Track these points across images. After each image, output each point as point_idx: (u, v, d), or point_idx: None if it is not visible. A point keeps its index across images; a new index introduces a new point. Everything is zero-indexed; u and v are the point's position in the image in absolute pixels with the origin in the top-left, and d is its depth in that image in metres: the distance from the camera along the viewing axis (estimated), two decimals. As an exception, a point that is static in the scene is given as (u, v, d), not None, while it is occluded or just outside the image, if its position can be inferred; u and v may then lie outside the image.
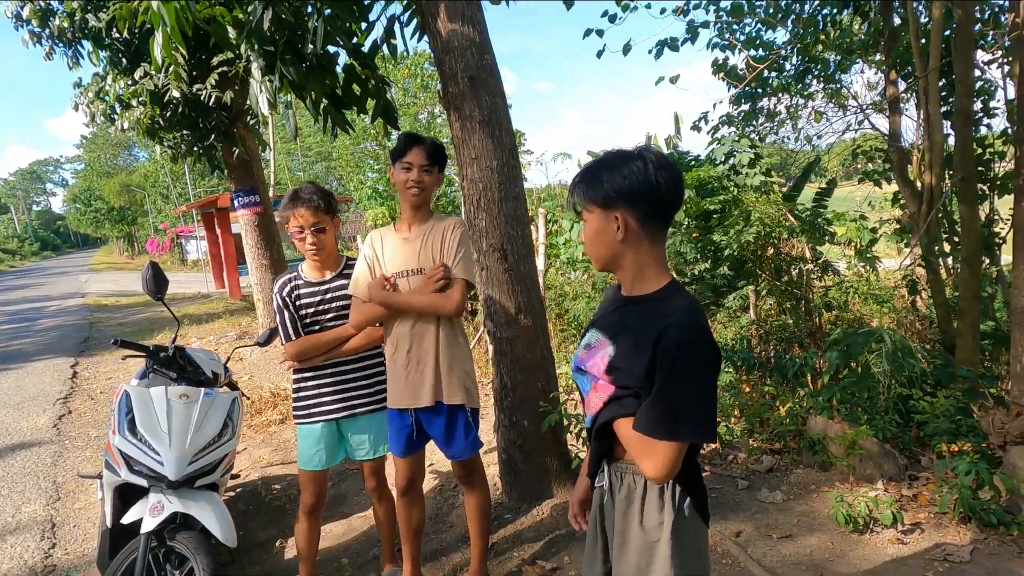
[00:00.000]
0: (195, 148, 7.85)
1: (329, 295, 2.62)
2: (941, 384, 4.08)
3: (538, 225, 5.93)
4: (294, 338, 2.58)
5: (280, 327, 2.60)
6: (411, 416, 2.49)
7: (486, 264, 3.08)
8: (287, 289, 2.60)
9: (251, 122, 8.18)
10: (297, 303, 2.60)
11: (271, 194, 11.26)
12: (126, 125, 7.35)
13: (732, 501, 3.33)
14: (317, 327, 2.61)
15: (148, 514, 2.52)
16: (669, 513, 1.41)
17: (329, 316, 2.62)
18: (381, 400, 2.67)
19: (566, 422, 3.06)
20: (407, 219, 2.50)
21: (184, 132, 7.62)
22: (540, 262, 5.52)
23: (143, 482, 2.54)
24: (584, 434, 3.07)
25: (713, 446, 4.13)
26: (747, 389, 4.85)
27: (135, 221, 49.44)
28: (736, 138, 9.03)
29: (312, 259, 2.59)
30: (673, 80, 9.70)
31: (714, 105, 12.52)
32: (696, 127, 12.10)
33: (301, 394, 2.65)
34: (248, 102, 7.74)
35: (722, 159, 9.10)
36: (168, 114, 7.21)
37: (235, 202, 8.33)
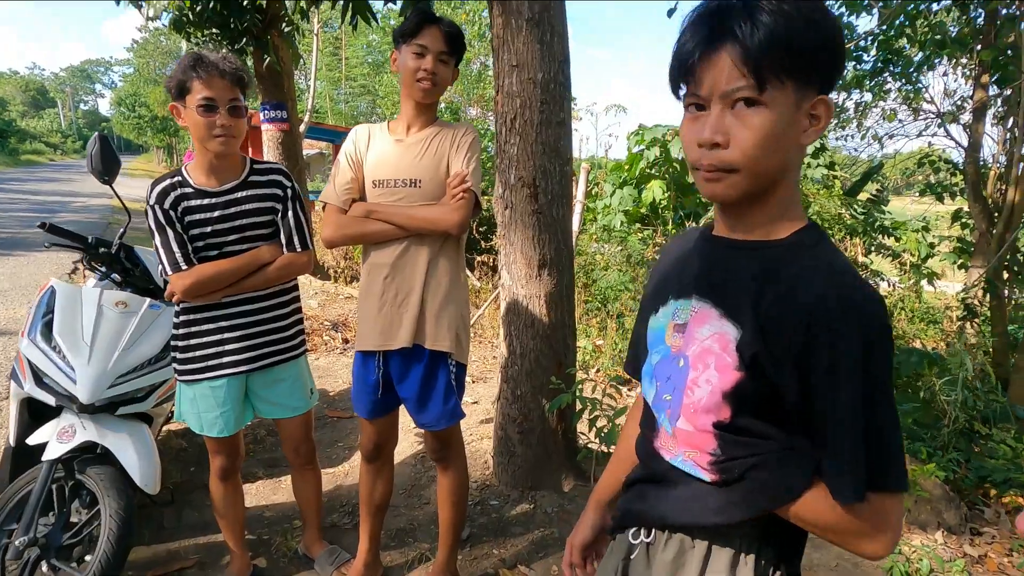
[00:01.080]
0: (224, 51, 7.31)
1: (232, 209, 1.94)
2: (990, 422, 3.52)
3: (578, 179, 5.33)
4: (184, 266, 1.89)
5: (161, 251, 1.89)
6: (378, 363, 1.98)
7: (511, 201, 2.51)
8: (170, 200, 1.89)
9: (287, 30, 7.63)
10: (186, 219, 1.91)
11: (306, 120, 10.73)
12: (151, 13, 6.83)
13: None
14: (215, 253, 1.94)
15: (55, 438, 2.06)
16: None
17: (232, 238, 1.95)
18: (298, 345, 2.15)
19: (580, 405, 2.53)
20: (406, 118, 1.95)
21: (214, 31, 7.10)
22: (574, 222, 4.94)
23: (50, 399, 2.07)
24: (600, 425, 2.53)
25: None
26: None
27: (177, 132, 49.41)
28: (803, 124, 8.22)
29: (216, 150, 1.86)
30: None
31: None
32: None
33: (192, 341, 1.98)
34: (284, 6, 7.17)
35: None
36: (199, 7, 6.70)
37: (262, 115, 7.85)
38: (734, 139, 0.80)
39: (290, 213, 2.02)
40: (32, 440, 2.14)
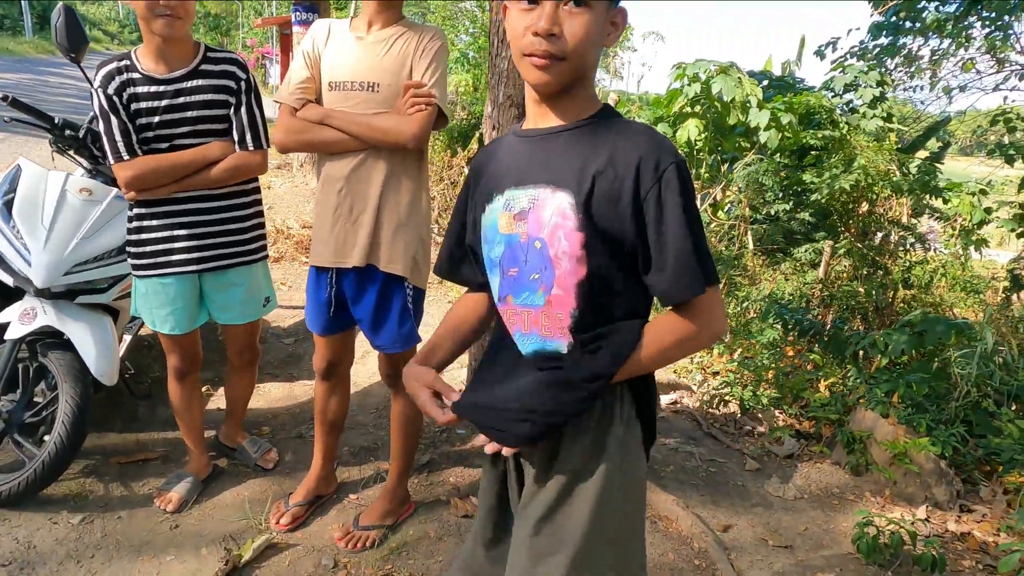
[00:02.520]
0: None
1: (182, 99, 1.82)
2: (1009, 399, 3.32)
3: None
4: (126, 157, 1.79)
5: (104, 139, 1.80)
6: (330, 280, 1.89)
7: (499, 122, 2.34)
8: (114, 84, 1.78)
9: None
10: (132, 107, 1.79)
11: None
12: None
13: (731, 483, 2.71)
14: (165, 145, 1.84)
15: (17, 319, 2.07)
16: (618, 428, 1.08)
17: (183, 131, 1.84)
18: (256, 251, 2.07)
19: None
20: (368, 15, 1.78)
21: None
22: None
23: (8, 280, 2.07)
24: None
25: (728, 410, 3.48)
26: (790, 354, 4.12)
27: (228, 32, 49.06)
28: (864, 70, 7.63)
29: (161, 32, 1.73)
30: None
31: (848, 32, 10.85)
32: (820, 53, 10.52)
33: (143, 236, 1.92)
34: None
35: (840, 91, 7.79)
36: None
37: (294, 17, 7.60)
38: (567, 32, 0.94)
39: (243, 108, 1.89)
40: (-1, 319, 2.15)
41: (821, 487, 2.78)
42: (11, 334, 2.04)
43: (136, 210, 1.93)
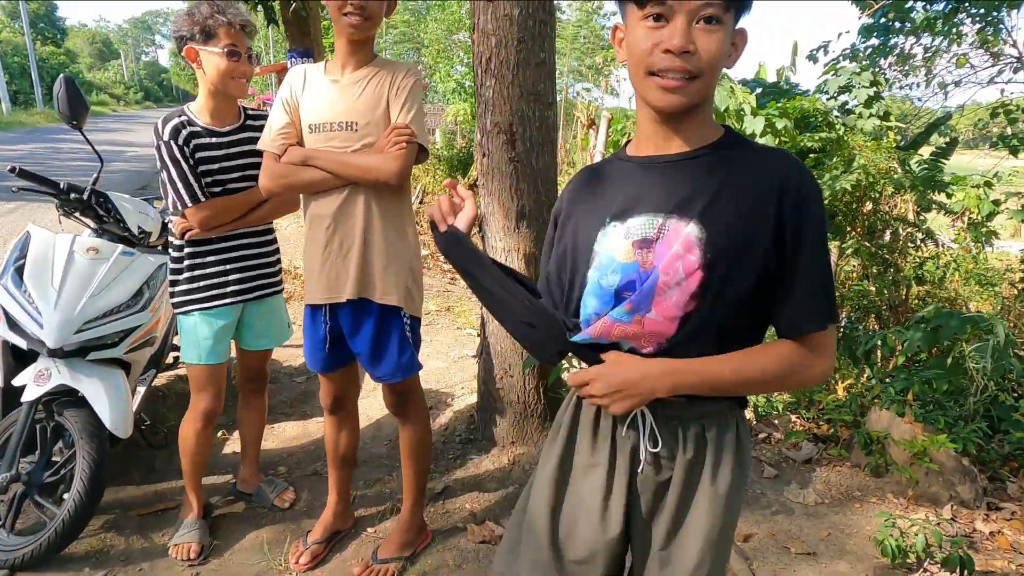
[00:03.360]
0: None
1: (234, 150, 2.09)
2: None
3: (599, 128, 5.11)
4: (201, 199, 2.01)
5: (178, 185, 1.99)
6: (324, 316, 1.93)
7: (488, 149, 2.39)
8: (183, 136, 2.00)
9: (313, -26, 7.50)
10: (196, 156, 2.02)
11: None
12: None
13: (750, 491, 2.68)
14: (219, 189, 2.08)
15: (32, 381, 2.12)
16: (733, 451, 1.09)
17: (235, 176, 2.10)
18: (281, 280, 2.34)
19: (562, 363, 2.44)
20: (340, 59, 1.84)
21: (242, -24, 7.06)
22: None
23: (22, 343, 2.12)
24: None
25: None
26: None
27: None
28: (856, 71, 7.69)
29: (235, 93, 2.04)
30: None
31: (839, 35, 10.95)
32: (812, 57, 10.63)
33: (198, 272, 2.11)
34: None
35: (834, 93, 7.84)
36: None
37: (289, 63, 7.81)
38: (701, 49, 0.91)
39: None
40: (16, 382, 2.20)
41: (841, 491, 2.75)
42: (27, 396, 2.09)
43: (189, 250, 2.10)
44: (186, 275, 2.11)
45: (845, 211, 7.65)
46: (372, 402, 3.30)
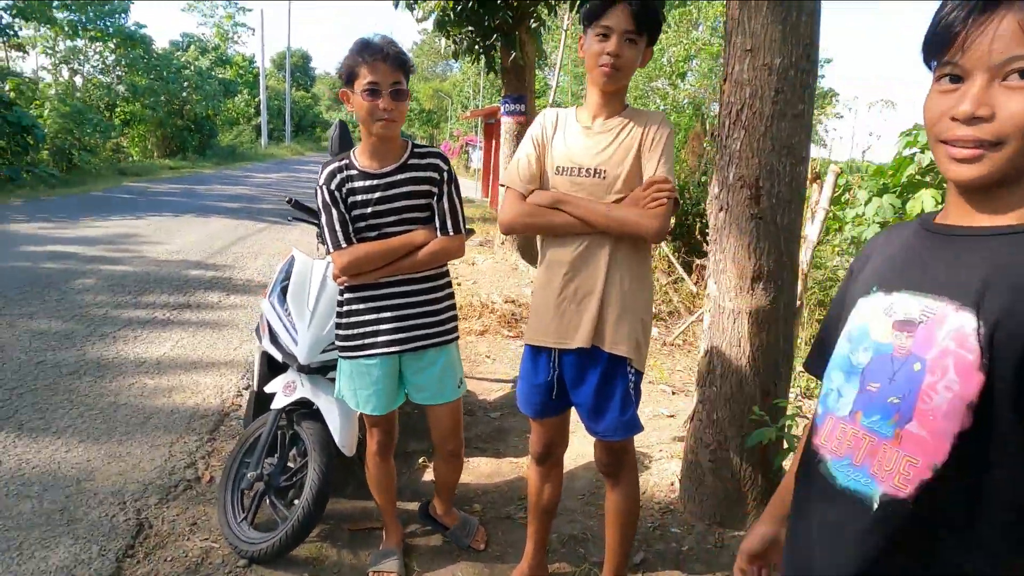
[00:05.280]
0: (476, 46, 7.85)
1: (392, 191, 1.97)
2: None
3: (824, 183, 4.69)
4: (344, 245, 1.96)
5: (325, 230, 1.98)
6: (552, 363, 1.88)
7: (727, 203, 2.24)
8: (336, 181, 1.97)
9: (534, 26, 7.93)
10: (349, 200, 1.97)
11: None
12: (420, 14, 7.58)
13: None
14: (374, 233, 1.99)
15: (281, 391, 2.35)
16: None
17: (390, 219, 1.99)
18: (450, 331, 2.13)
19: (786, 444, 2.18)
20: (592, 107, 1.81)
21: (469, 28, 7.65)
22: (813, 231, 4.36)
23: (279, 356, 2.36)
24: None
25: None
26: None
27: (438, 125, 55.17)
28: None
29: (379, 132, 1.91)
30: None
31: None
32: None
33: (351, 320, 2.05)
34: (535, 3, 7.45)
35: None
36: (459, 7, 7.28)
37: (502, 108, 8.27)
38: (1004, 112, 0.74)
39: (445, 197, 2.02)
40: (268, 389, 2.46)
41: None
42: (277, 404, 2.32)
43: (345, 295, 2.06)
44: (343, 321, 2.07)
45: None
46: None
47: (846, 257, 6.49)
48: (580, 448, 2.97)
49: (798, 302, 2.99)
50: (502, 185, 1.96)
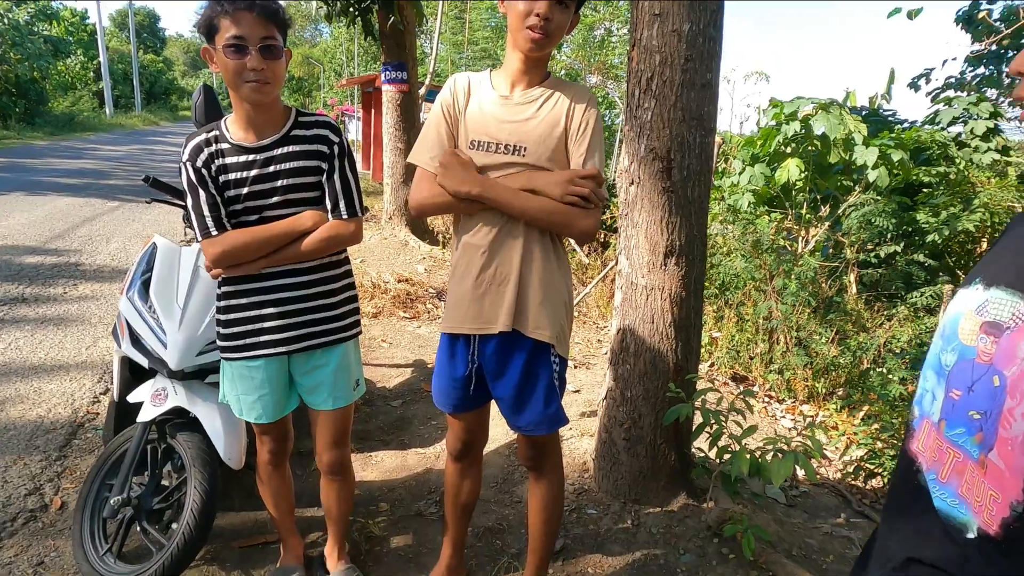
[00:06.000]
0: (351, 8, 7.33)
1: (272, 168, 1.67)
2: None
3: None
4: (215, 232, 1.66)
5: (192, 215, 1.67)
6: (471, 354, 1.73)
7: (639, 176, 2.17)
8: (203, 157, 1.65)
9: (412, -11, 7.54)
10: (220, 179, 1.66)
11: (427, 84, 10.69)
12: (286, -29, 6.96)
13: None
14: (254, 217, 1.69)
15: (149, 400, 2.01)
16: None
17: (272, 201, 1.69)
18: (349, 327, 1.87)
19: (700, 419, 2.18)
20: (510, 73, 1.64)
21: (341, -11, 7.14)
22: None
23: (144, 361, 2.02)
24: (722, 444, 2.16)
25: (876, 483, 3.08)
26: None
27: (310, 94, 52.22)
28: (973, 100, 7.16)
29: (249, 98, 1.60)
30: (912, 15, 7.79)
31: (944, 62, 10.31)
32: (914, 85, 10.01)
33: (231, 316, 1.76)
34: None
35: (945, 125, 7.35)
36: (328, -34, 6.76)
37: (383, 75, 7.85)
38: None
39: (336, 174, 1.74)
40: (131, 398, 2.12)
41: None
42: (144, 416, 1.99)
43: (223, 288, 1.76)
44: (222, 317, 1.77)
45: (959, 251, 7.08)
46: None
47: (725, 225, 6.82)
48: (492, 433, 2.86)
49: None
50: (410, 163, 1.75)
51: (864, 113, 8.17)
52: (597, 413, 2.68)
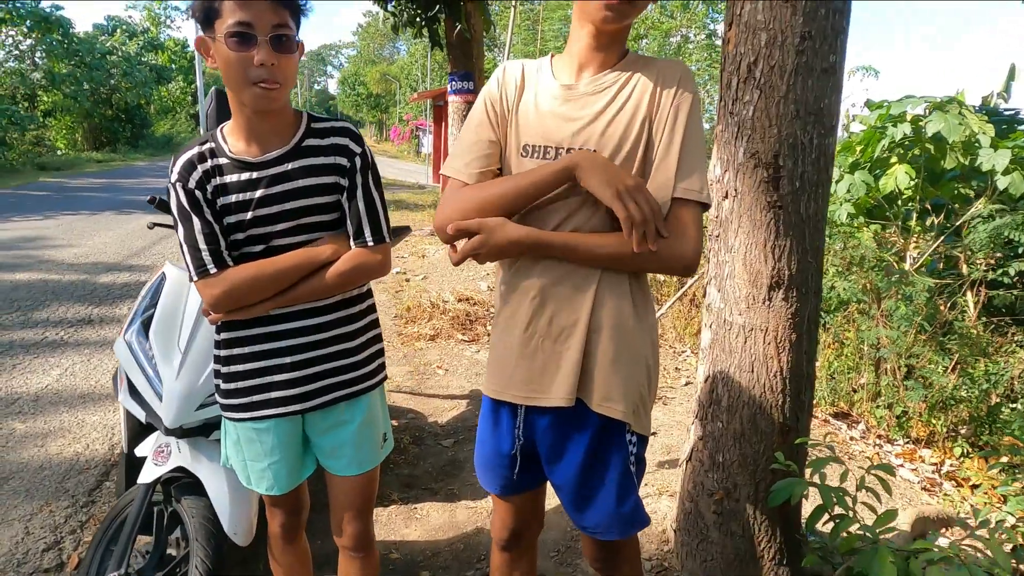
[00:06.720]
0: (418, 19, 7.18)
1: (281, 187, 1.34)
2: None
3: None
4: (213, 270, 1.32)
5: (185, 249, 1.33)
6: (517, 425, 1.33)
7: (735, 188, 1.72)
8: (196, 176, 1.32)
9: (480, -3, 7.32)
10: (218, 202, 1.33)
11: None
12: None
13: None
14: (259, 248, 1.37)
15: (151, 458, 1.74)
16: None
17: (281, 227, 1.36)
18: (374, 372, 1.52)
19: (812, 497, 1.69)
20: (578, 55, 1.24)
21: (408, -1, 7.00)
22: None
23: (141, 415, 1.74)
24: (851, 530, 1.66)
25: None
26: None
27: (387, 109, 53.70)
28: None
29: (255, 104, 1.28)
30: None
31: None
32: (1043, 79, 8.84)
33: (233, 368, 1.43)
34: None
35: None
36: (396, -25, 6.62)
37: (449, 86, 7.66)
38: None
39: (359, 192, 1.39)
40: (138, 452, 1.86)
41: None
42: (144, 477, 1.72)
43: (223, 335, 1.43)
44: (223, 370, 1.45)
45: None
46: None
47: (833, 238, 6.13)
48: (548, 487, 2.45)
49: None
50: (442, 175, 1.38)
51: (983, 112, 7.25)
52: (679, 464, 2.22)
